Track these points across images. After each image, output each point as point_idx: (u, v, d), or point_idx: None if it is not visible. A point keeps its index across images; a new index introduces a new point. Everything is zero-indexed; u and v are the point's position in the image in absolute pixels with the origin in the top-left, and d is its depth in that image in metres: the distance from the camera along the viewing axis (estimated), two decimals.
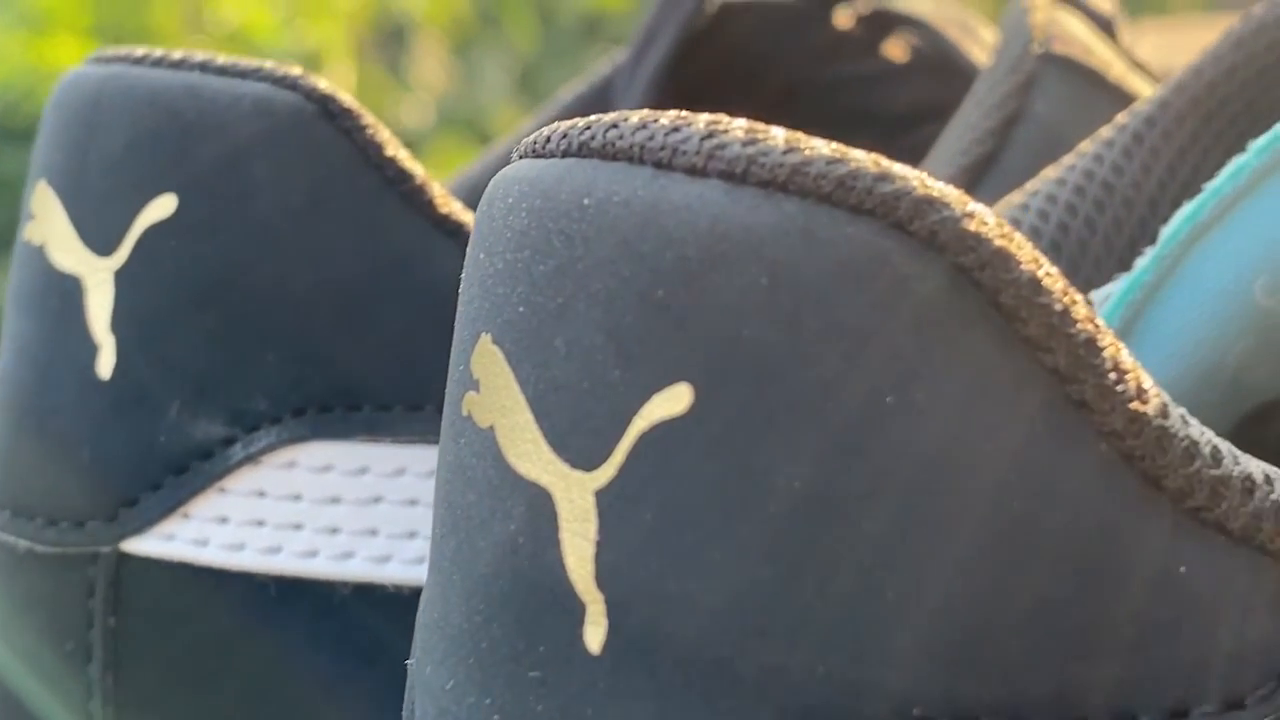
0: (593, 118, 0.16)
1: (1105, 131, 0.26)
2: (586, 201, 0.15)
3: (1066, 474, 0.14)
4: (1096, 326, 0.15)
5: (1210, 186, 0.23)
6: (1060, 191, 0.25)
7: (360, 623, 0.22)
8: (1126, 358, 0.15)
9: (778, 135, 0.15)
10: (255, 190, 0.22)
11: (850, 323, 0.14)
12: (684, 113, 0.15)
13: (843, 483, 0.14)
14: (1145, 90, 0.31)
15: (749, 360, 0.14)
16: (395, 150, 0.23)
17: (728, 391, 0.14)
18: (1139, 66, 0.34)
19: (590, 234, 0.15)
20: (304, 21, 1.23)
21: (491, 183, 0.17)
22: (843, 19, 0.38)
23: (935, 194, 0.14)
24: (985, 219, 0.14)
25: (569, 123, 0.16)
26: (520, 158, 0.17)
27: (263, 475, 0.22)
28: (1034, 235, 0.25)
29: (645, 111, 0.16)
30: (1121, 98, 0.31)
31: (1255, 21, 0.26)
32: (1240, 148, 0.23)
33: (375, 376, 0.22)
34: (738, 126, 0.15)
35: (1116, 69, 0.32)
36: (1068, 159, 0.26)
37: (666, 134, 0.15)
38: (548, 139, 0.16)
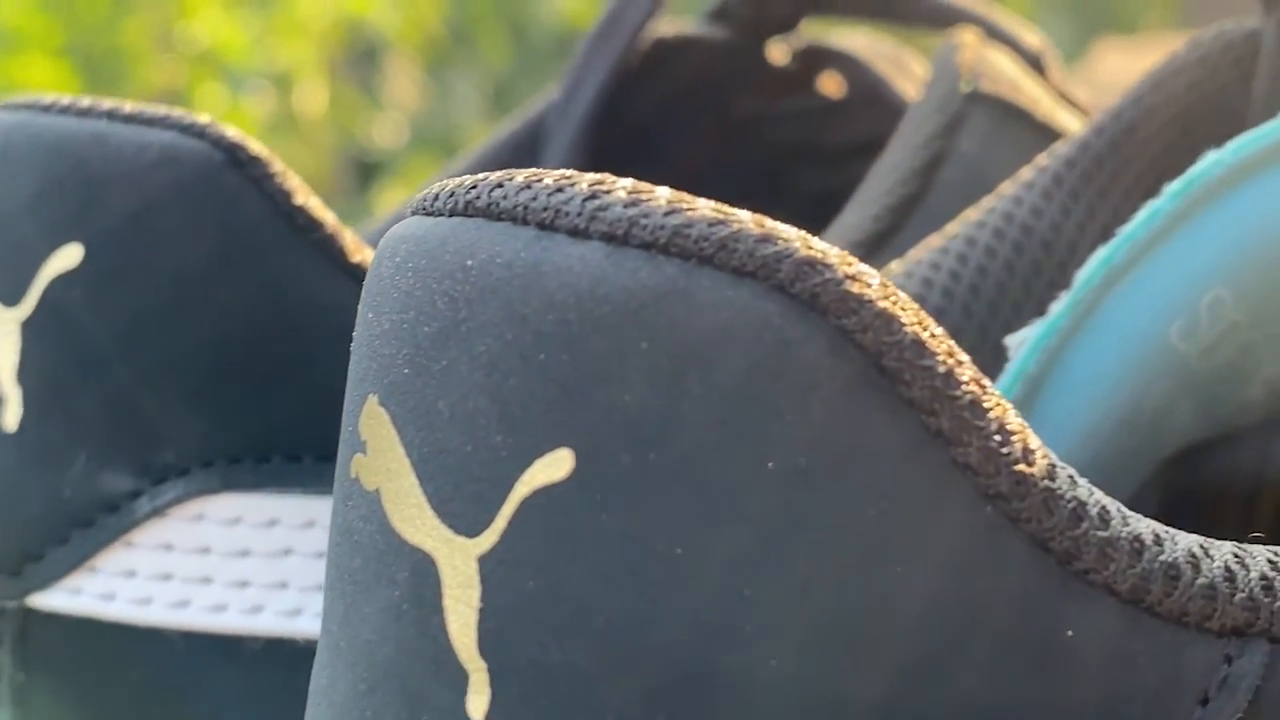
0: (479, 176, 0.16)
1: (1025, 173, 0.26)
2: (470, 263, 0.15)
3: (951, 538, 0.14)
4: (982, 388, 0.14)
5: (1124, 231, 0.23)
6: (979, 234, 0.25)
7: (271, 678, 0.22)
8: (1013, 419, 0.15)
9: (660, 196, 0.15)
10: (162, 240, 0.22)
11: (731, 387, 0.14)
12: (570, 172, 0.15)
13: (723, 549, 0.14)
14: (1074, 127, 0.31)
15: (629, 425, 0.14)
16: (305, 198, 0.23)
17: (609, 457, 0.14)
18: (1070, 102, 0.34)
19: (473, 296, 0.15)
20: (275, 41, 1.22)
21: (382, 240, 0.16)
22: (777, 54, 0.38)
23: (818, 256, 0.14)
24: (868, 281, 0.14)
25: (457, 180, 0.16)
26: (412, 214, 0.16)
27: (170, 528, 0.22)
28: (952, 279, 0.25)
29: (531, 171, 0.15)
30: (1050, 135, 0.31)
31: (1176, 62, 0.26)
32: (1161, 190, 0.23)
33: (285, 427, 0.22)
34: (621, 187, 0.15)
35: (1045, 106, 0.32)
36: (987, 201, 0.26)
37: (550, 194, 0.15)
38: (435, 196, 0.16)
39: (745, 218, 0.14)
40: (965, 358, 0.14)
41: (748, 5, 0.37)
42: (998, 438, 0.14)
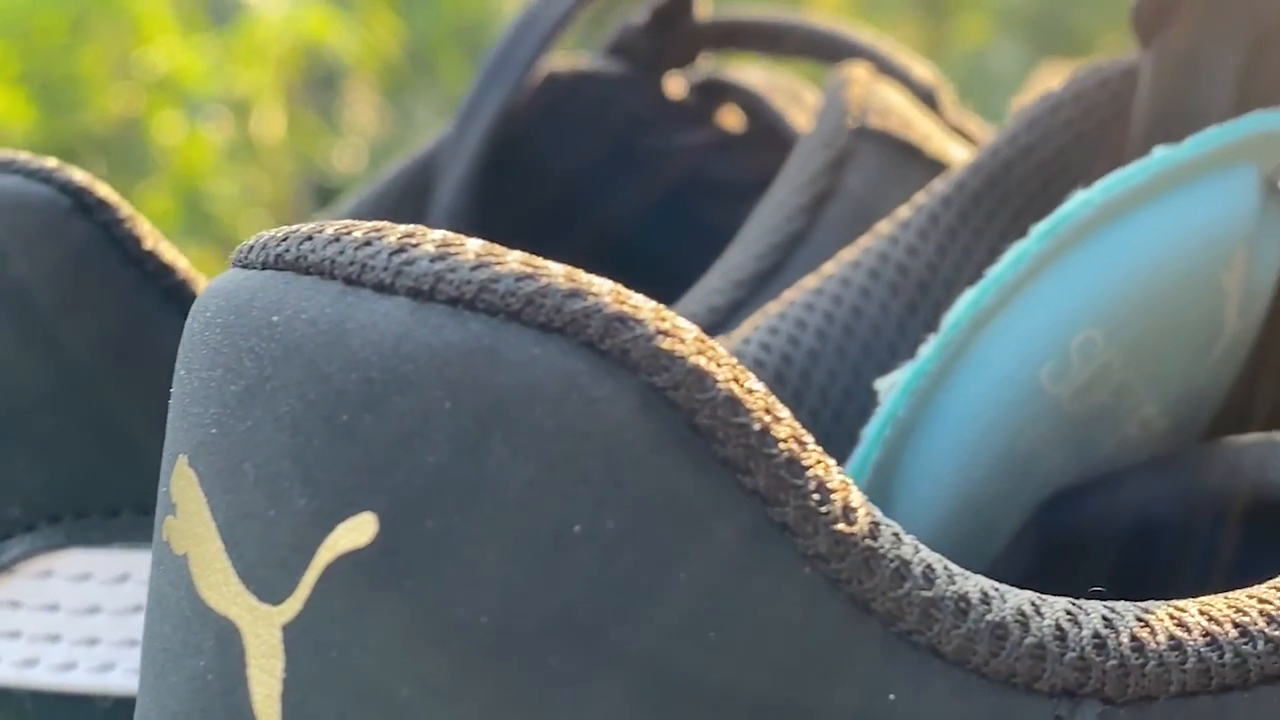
0: (291, 227, 0.15)
1: (903, 211, 0.25)
2: (275, 319, 0.14)
3: (769, 600, 0.14)
4: (801, 445, 0.14)
5: (992, 273, 0.22)
6: (854, 275, 0.25)
7: None
8: (834, 477, 0.14)
9: (470, 249, 0.14)
10: (6, 288, 0.21)
11: (537, 448, 0.13)
12: (382, 225, 0.15)
13: (529, 617, 0.13)
14: None
15: (433, 488, 0.13)
16: (155, 243, 0.22)
17: (412, 522, 0.13)
18: (965, 136, 0.34)
19: (278, 354, 0.14)
20: (233, 67, 1.22)
21: (201, 292, 0.16)
22: (676, 88, 0.38)
23: (629, 311, 0.14)
24: (682, 336, 0.14)
25: (271, 231, 0.15)
26: (232, 265, 0.16)
27: (17, 585, 0.21)
28: (826, 321, 0.24)
29: (342, 222, 0.15)
30: (940, 171, 0.30)
31: (1051, 100, 0.26)
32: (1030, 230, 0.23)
33: (135, 481, 0.21)
34: (430, 240, 0.14)
35: (936, 142, 0.32)
36: (864, 240, 0.25)
37: (357, 248, 0.14)
38: (250, 247, 0.15)
39: (555, 271, 0.14)
40: (785, 414, 0.14)
41: (644, 39, 0.37)
42: (816, 496, 0.14)
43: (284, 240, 0.15)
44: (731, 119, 0.38)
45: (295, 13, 1.23)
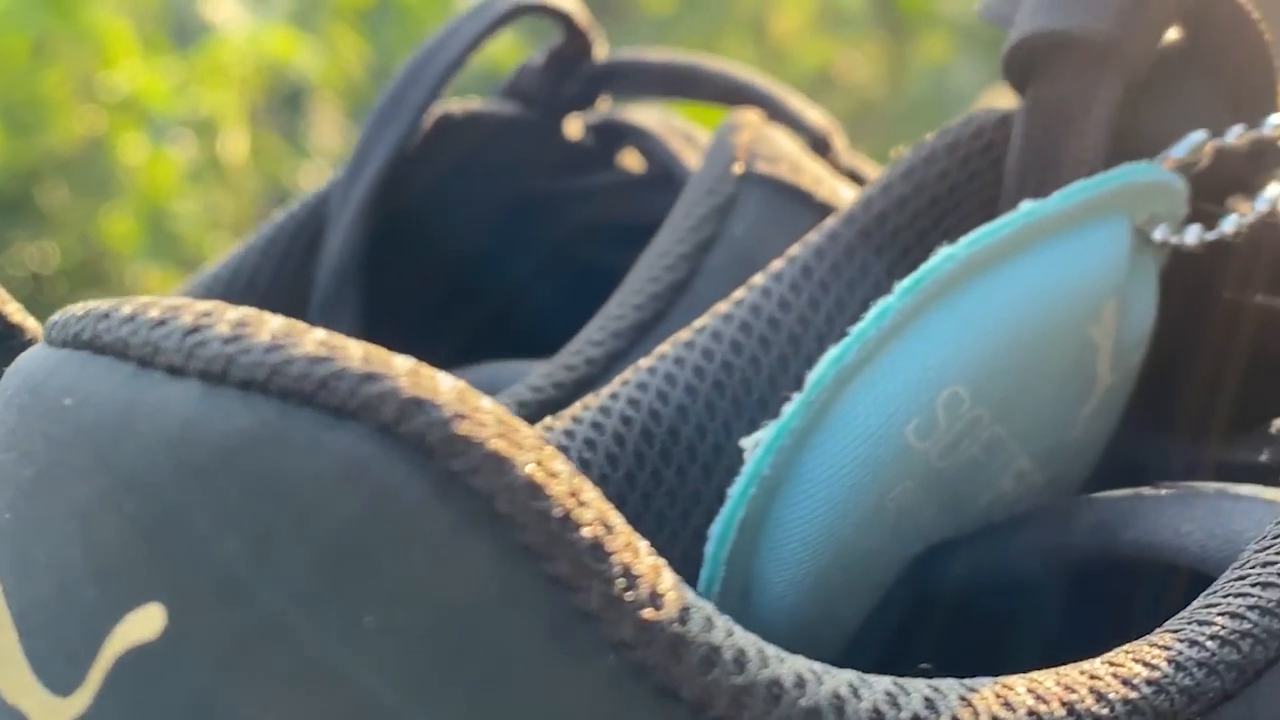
0: (92, 304, 0.15)
1: (777, 264, 0.25)
2: (68, 401, 0.14)
3: (572, 690, 0.13)
4: (607, 528, 0.14)
5: (855, 329, 0.22)
6: (725, 328, 0.24)
7: None
8: (642, 560, 0.14)
9: (267, 329, 0.14)
10: None
11: (326, 538, 0.13)
12: (180, 302, 0.14)
13: (313, 715, 0.13)
14: None
15: (221, 580, 0.13)
16: (3, 304, 0.21)
17: (199, 614, 0.13)
18: (859, 182, 0.33)
19: (69, 438, 0.14)
20: (197, 88, 1.21)
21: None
22: (574, 130, 0.37)
23: (425, 394, 0.13)
24: (481, 419, 0.13)
25: (76, 307, 0.15)
26: (42, 340, 0.15)
27: None
28: (697, 376, 0.24)
29: (142, 299, 0.14)
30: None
31: (926, 150, 0.25)
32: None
33: None
34: (226, 320, 0.14)
35: (827, 187, 0.31)
36: (739, 292, 0.25)
37: (151, 327, 0.14)
38: (55, 324, 0.15)
39: (353, 353, 0.14)
40: (591, 496, 0.14)
41: (541, 82, 0.37)
42: (621, 582, 0.14)
43: (83, 318, 0.14)
44: (632, 161, 0.38)
45: (259, 33, 1.23)
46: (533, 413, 0.26)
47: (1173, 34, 0.26)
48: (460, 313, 0.37)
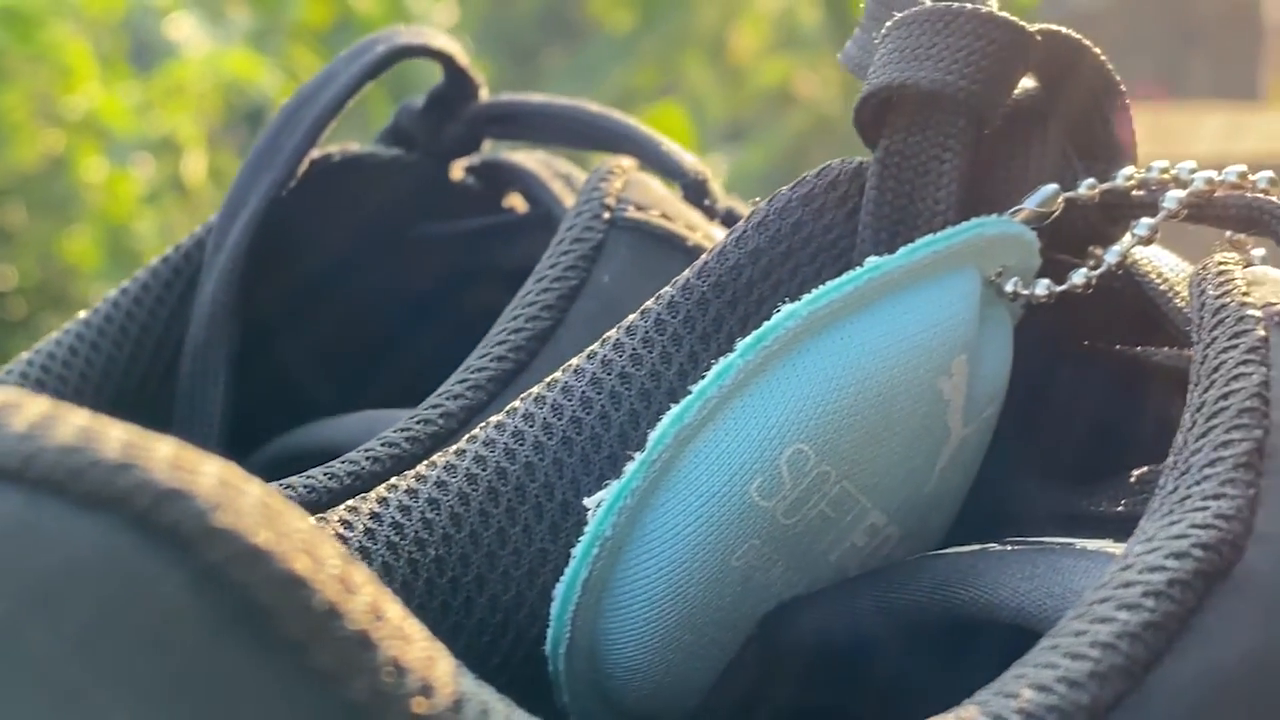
0: None
1: (631, 318, 0.25)
2: None
3: None
4: (378, 618, 0.13)
5: (697, 388, 0.22)
6: (577, 383, 0.24)
7: None
8: (415, 650, 0.13)
9: (24, 415, 0.13)
10: None
11: (78, 631, 0.13)
12: None
13: None
14: None
15: None
16: None
17: None
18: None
19: None
20: (157, 108, 1.21)
21: None
22: (457, 171, 0.37)
23: (183, 484, 0.13)
24: (241, 508, 0.13)
25: None
26: None
27: None
28: (546, 432, 0.24)
29: None
30: None
31: (781, 201, 0.25)
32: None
33: None
34: None
35: (700, 234, 0.31)
36: (595, 346, 0.25)
37: None
38: None
39: (111, 441, 0.13)
40: (364, 582, 0.13)
41: (422, 125, 0.36)
42: (389, 673, 0.13)
43: None
44: (518, 202, 0.38)
45: (217, 54, 1.23)
46: (386, 469, 0.26)
47: (1029, 83, 0.26)
48: (342, 359, 0.36)
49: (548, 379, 0.24)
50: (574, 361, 0.25)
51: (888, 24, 0.25)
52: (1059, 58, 0.25)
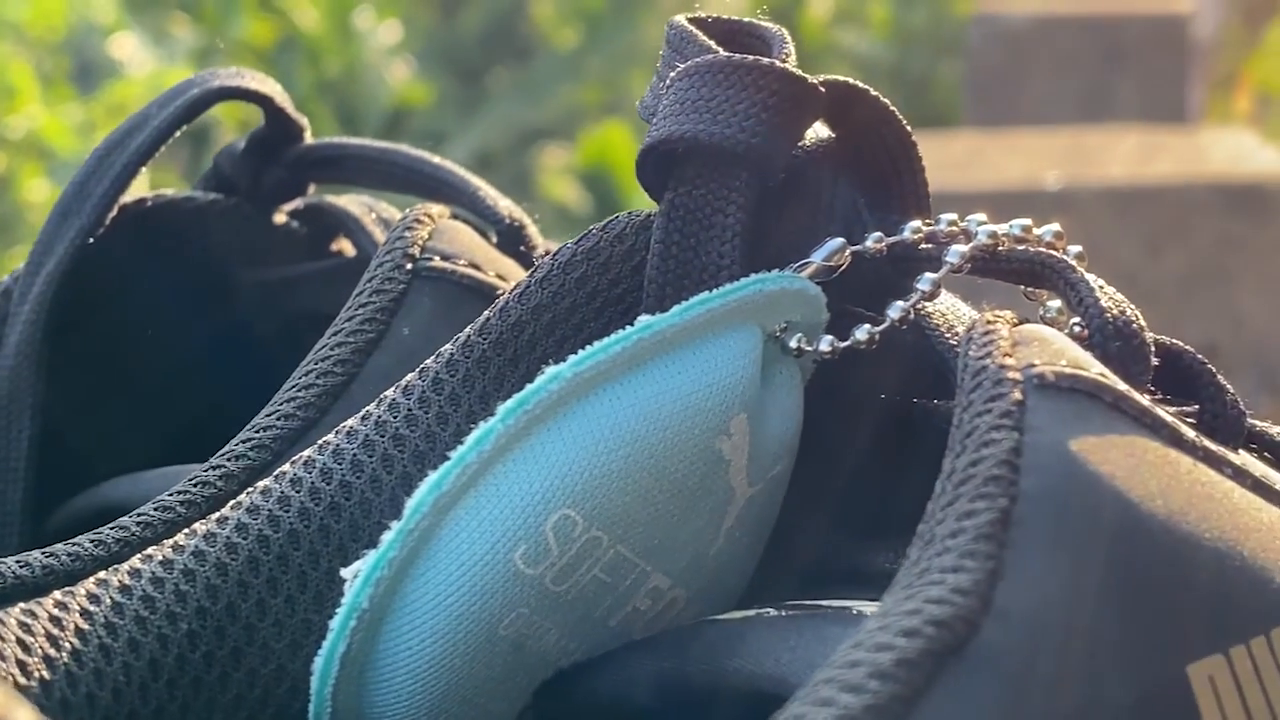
0: None
1: (410, 377, 0.24)
2: None
3: None
4: None
5: (455, 454, 0.21)
6: (348, 446, 0.23)
7: None
8: None
9: None
10: None
11: None
12: None
13: None
14: None
15: None
16: None
17: None
18: None
19: None
20: (100, 128, 1.19)
21: None
22: (280, 216, 0.36)
23: None
24: None
25: None
26: None
27: None
28: (313, 498, 0.23)
29: None
30: None
31: (565, 255, 0.25)
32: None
33: None
34: None
35: (512, 282, 0.30)
36: (370, 406, 0.24)
37: None
38: None
39: None
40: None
41: (243, 170, 0.35)
42: None
43: None
44: (347, 245, 0.37)
45: (160, 72, 1.22)
46: (158, 534, 0.25)
47: (823, 133, 0.25)
48: (163, 410, 0.35)
49: (320, 441, 0.24)
50: (349, 423, 0.24)
51: (670, 75, 0.24)
52: (848, 109, 0.25)
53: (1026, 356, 0.20)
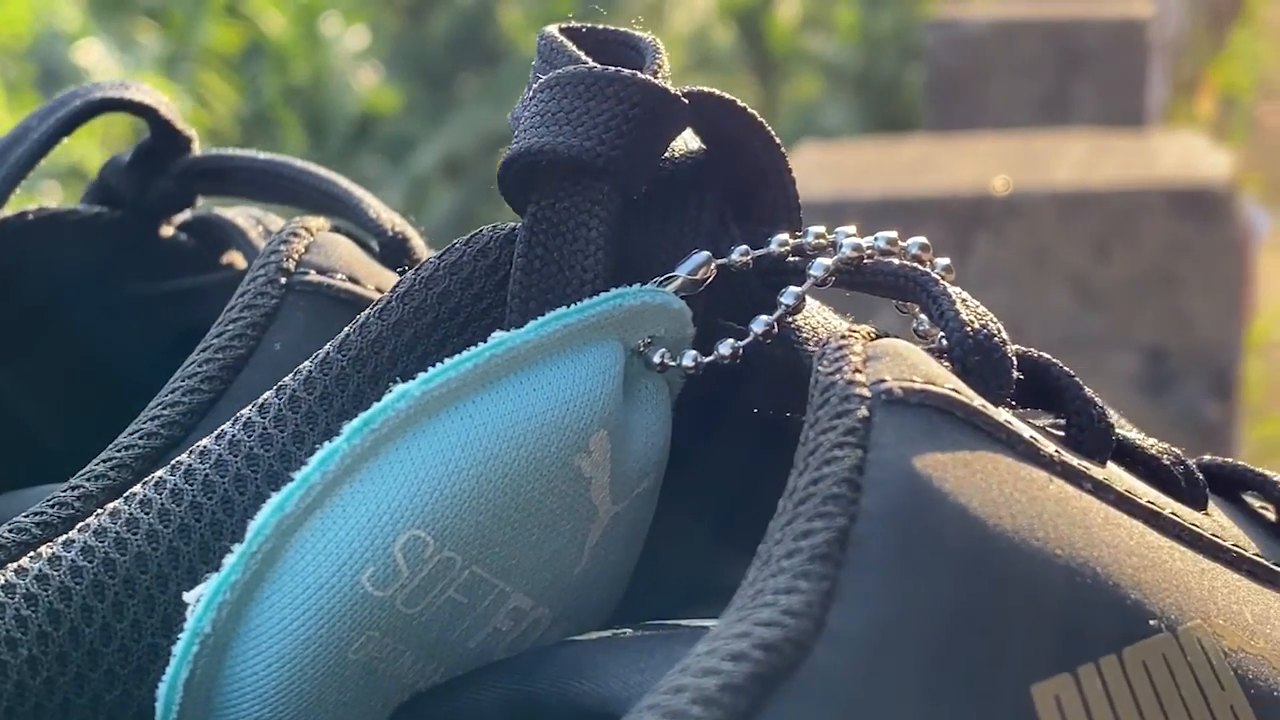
0: None
1: (266, 395, 0.24)
2: None
3: None
4: None
5: (300, 475, 0.21)
6: (201, 465, 0.23)
7: None
8: None
9: None
10: None
11: None
12: None
13: None
14: None
15: None
16: None
17: None
18: None
19: None
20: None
21: None
22: (167, 228, 0.36)
23: None
24: None
25: None
26: None
27: None
28: (163, 520, 0.22)
29: None
30: None
31: (428, 270, 0.24)
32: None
33: None
34: None
35: None
36: (226, 425, 0.24)
37: None
38: None
39: None
40: None
41: (129, 181, 0.35)
42: None
43: None
44: (236, 259, 0.36)
45: (125, 82, 1.21)
46: (12, 556, 0.24)
47: (692, 145, 0.25)
48: (43, 428, 0.35)
49: (174, 461, 0.23)
50: (203, 442, 0.23)
51: (534, 86, 0.24)
52: (714, 120, 0.25)
53: (877, 372, 0.20)
